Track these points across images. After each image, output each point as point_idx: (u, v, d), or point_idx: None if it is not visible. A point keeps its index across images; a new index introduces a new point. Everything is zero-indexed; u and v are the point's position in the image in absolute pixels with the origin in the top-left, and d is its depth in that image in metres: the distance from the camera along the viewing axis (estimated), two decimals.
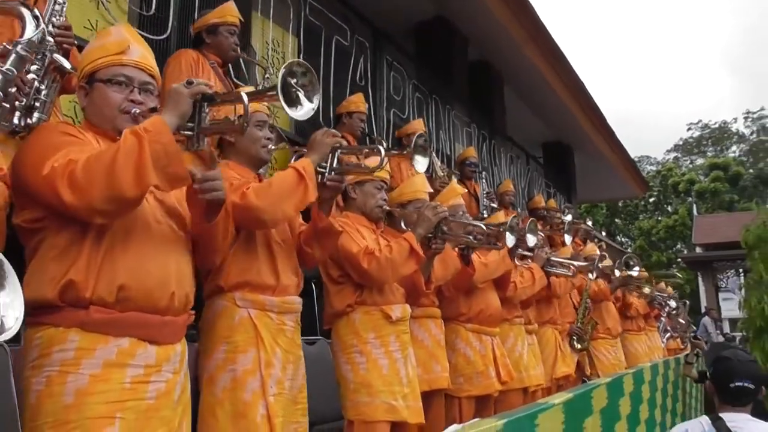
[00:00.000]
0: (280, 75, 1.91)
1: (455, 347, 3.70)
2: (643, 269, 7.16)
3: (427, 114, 7.28)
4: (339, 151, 2.45)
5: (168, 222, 1.86)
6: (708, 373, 3.06)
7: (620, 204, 33.63)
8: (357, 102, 4.84)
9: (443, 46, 8.11)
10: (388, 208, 3.18)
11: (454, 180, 5.02)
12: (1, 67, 1.21)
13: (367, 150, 2.74)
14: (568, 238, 5.97)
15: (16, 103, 2.20)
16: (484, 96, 9.14)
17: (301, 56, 5.31)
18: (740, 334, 16.00)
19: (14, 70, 1.21)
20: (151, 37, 3.79)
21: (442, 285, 3.55)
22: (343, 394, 2.89)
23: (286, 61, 5.24)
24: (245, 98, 1.80)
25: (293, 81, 1.97)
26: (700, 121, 42.11)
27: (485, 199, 6.90)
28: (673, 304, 8.49)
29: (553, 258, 4.75)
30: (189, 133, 1.77)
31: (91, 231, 1.67)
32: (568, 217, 8.15)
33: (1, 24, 2.38)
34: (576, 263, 5.04)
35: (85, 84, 1.88)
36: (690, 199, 32.02)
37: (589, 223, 8.96)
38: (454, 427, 2.05)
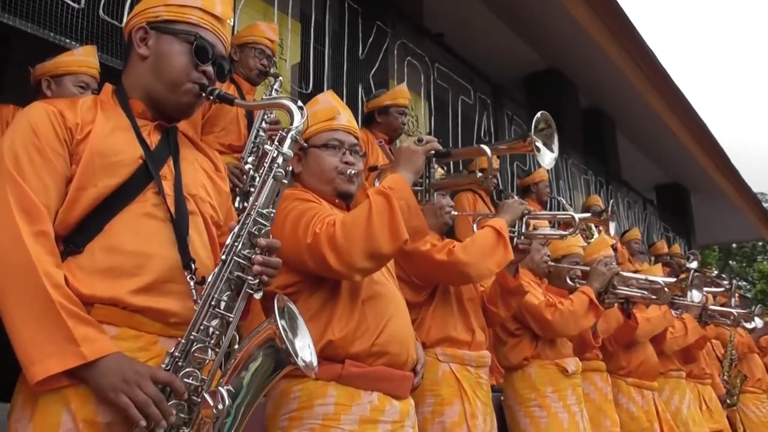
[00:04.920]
0: (532, 128, 1.99)
1: (618, 402, 3.66)
2: None
3: None
4: (527, 216, 2.57)
5: (392, 280, 1.98)
6: None
7: (734, 246, 31.55)
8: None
9: (554, 96, 8.16)
10: (552, 263, 3.24)
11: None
12: (282, 149, 1.39)
13: (560, 216, 2.84)
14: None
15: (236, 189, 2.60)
16: (598, 142, 9.08)
17: (432, 119, 5.56)
18: None
19: (290, 152, 1.40)
20: None
21: (603, 339, 3.55)
22: None
23: (420, 124, 5.52)
24: (488, 151, 1.84)
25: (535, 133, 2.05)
26: None
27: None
28: None
29: (710, 307, 4.59)
30: (418, 188, 1.87)
31: (341, 292, 1.79)
32: (694, 264, 7.83)
33: (231, 122, 2.83)
34: (736, 311, 4.83)
35: (299, 151, 1.97)
36: None
37: (715, 272, 8.53)
38: None
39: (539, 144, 2.03)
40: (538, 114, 2.05)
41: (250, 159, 2.85)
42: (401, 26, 5.48)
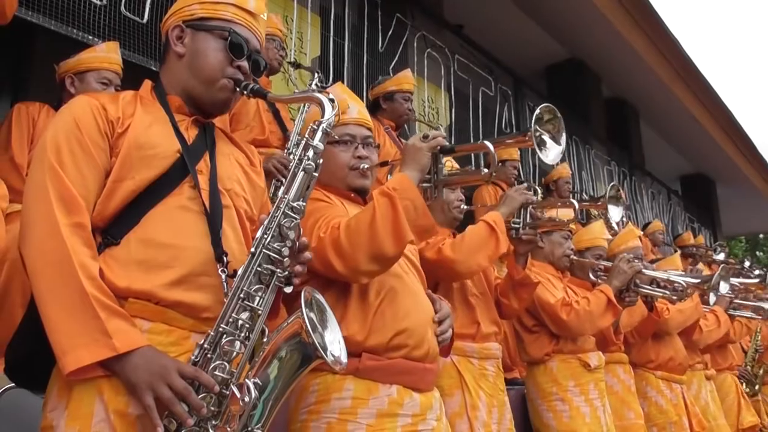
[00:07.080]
0: (532, 121, 1.91)
1: (646, 395, 3.62)
2: None
3: (569, 155, 7.25)
4: (531, 206, 2.53)
5: (413, 272, 1.93)
6: None
7: (761, 236, 30.97)
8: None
9: (576, 86, 8.08)
10: (574, 257, 3.21)
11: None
12: (312, 141, 1.39)
13: (560, 203, 2.80)
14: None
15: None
16: (621, 133, 8.98)
17: (453, 111, 5.53)
18: None
19: (321, 145, 1.39)
20: None
21: (626, 332, 3.51)
22: None
23: (440, 117, 5.49)
24: (491, 147, 1.80)
25: (540, 126, 1.93)
26: None
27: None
28: None
29: (737, 300, 4.51)
30: (427, 184, 1.85)
31: (352, 289, 1.77)
32: (721, 256, 7.70)
33: (254, 118, 2.86)
34: (767, 306, 4.74)
35: None
36: None
37: (747, 263, 8.36)
38: None
39: (546, 137, 1.95)
40: (541, 106, 1.97)
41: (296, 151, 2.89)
42: (421, 18, 5.45)
